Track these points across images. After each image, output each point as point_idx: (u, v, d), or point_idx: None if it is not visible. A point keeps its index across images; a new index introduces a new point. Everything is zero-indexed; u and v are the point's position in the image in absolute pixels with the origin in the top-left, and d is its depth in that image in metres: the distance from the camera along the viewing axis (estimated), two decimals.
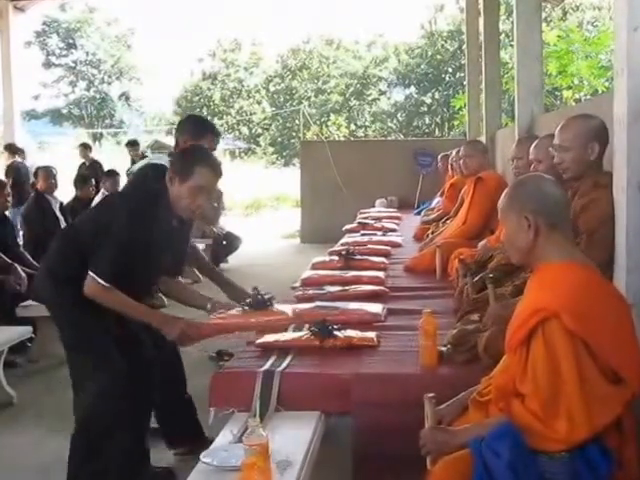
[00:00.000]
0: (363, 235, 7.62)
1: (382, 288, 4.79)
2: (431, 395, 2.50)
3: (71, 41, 43.10)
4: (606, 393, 2.21)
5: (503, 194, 2.50)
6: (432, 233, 6.89)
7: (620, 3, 2.83)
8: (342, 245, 6.82)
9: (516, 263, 2.62)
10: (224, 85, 43.21)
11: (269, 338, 3.61)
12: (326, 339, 3.50)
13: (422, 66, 37.29)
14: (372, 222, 8.74)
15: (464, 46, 33.90)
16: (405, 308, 4.35)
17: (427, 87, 37.40)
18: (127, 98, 45.09)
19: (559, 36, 14.41)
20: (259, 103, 42.63)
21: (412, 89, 38.42)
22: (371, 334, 3.61)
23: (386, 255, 6.34)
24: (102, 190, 9.04)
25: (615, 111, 2.94)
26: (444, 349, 3.24)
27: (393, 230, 8.23)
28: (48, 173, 7.10)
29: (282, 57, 42.43)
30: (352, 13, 69.36)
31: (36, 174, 7.07)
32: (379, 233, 7.82)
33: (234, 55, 43.76)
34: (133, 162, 11.72)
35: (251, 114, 42.16)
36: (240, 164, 30.87)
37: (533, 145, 3.88)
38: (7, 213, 6.58)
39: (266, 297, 3.45)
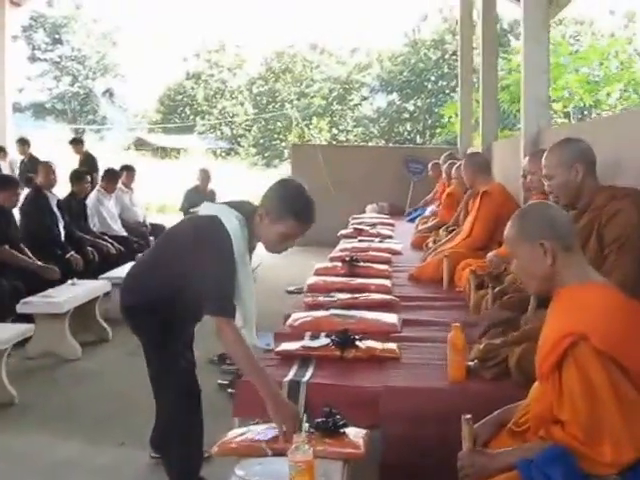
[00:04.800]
0: (361, 241, 7.59)
1: (393, 297, 4.76)
2: (469, 416, 2.44)
3: (57, 36, 42.85)
4: None
5: (509, 225, 2.46)
6: (434, 242, 6.87)
7: None
8: (342, 251, 6.78)
9: (534, 293, 2.61)
10: (207, 85, 43.11)
11: (289, 346, 3.56)
12: (347, 349, 3.47)
13: (405, 73, 37.42)
14: (367, 228, 8.72)
15: (447, 55, 33.95)
16: (418, 319, 4.33)
17: (409, 94, 37.55)
18: (111, 95, 44.86)
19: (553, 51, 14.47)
20: (242, 104, 42.57)
21: (394, 96, 38.54)
22: (392, 345, 3.57)
23: (387, 262, 6.32)
24: (119, 185, 9.17)
25: None
26: (471, 364, 3.21)
27: (389, 237, 8.21)
28: (48, 169, 7.00)
29: (266, 59, 42.46)
30: (337, 19, 69.48)
31: (36, 169, 6.95)
32: (376, 239, 7.79)
33: (218, 56, 43.71)
34: (89, 160, 11.65)
35: (234, 115, 42.09)
36: (223, 164, 30.73)
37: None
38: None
39: (340, 422, 2.67)
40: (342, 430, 2.61)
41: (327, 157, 13.18)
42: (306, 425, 2.49)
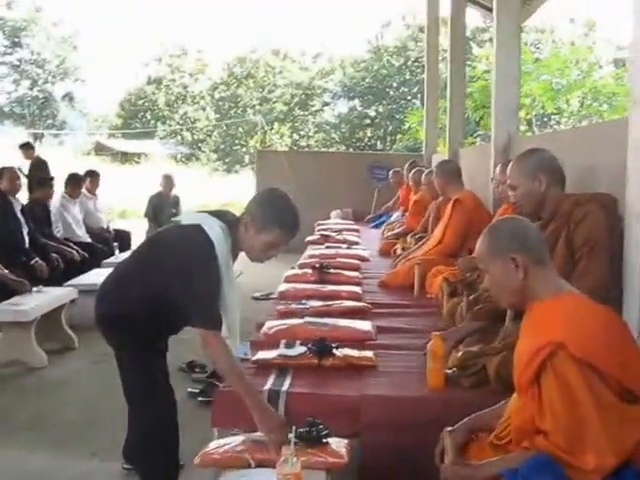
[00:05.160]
0: (328, 248, 7.57)
1: (365, 305, 4.76)
2: (450, 428, 2.45)
3: (16, 39, 42.22)
4: (626, 415, 2.20)
5: (480, 241, 2.48)
6: (403, 249, 6.89)
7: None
8: (310, 258, 6.75)
9: (507, 307, 2.63)
10: (169, 90, 42.86)
11: (266, 355, 3.54)
12: (325, 358, 3.45)
13: (367, 80, 37.62)
14: (334, 234, 8.72)
15: (409, 62, 34.12)
16: (391, 326, 4.33)
17: (371, 100, 37.74)
18: (71, 99, 44.32)
19: None
20: (203, 109, 42.40)
21: (356, 102, 38.70)
22: (369, 353, 3.57)
23: (356, 269, 6.31)
24: (83, 190, 9.08)
25: (631, 138, 2.97)
26: (449, 372, 3.22)
27: (356, 243, 8.21)
28: (13, 174, 6.87)
29: (228, 65, 42.34)
30: (299, 24, 69.59)
31: (1, 174, 6.82)
32: (343, 246, 7.78)
33: (180, 61, 43.50)
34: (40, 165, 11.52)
35: (195, 120, 41.90)
36: (183, 169, 30.53)
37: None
38: None
39: (323, 432, 2.66)
40: (325, 440, 2.60)
41: (292, 163, 13.21)
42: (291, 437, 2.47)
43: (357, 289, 5.27)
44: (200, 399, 4.95)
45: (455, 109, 8.89)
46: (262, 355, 3.55)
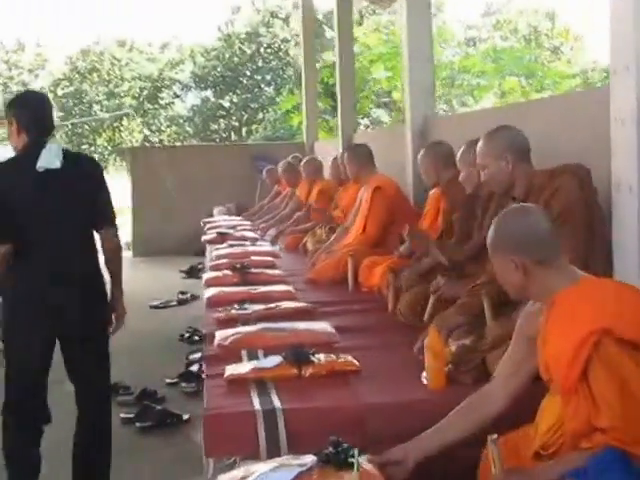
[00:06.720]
0: (233, 246, 7.29)
1: (309, 304, 4.55)
2: (495, 436, 2.30)
3: None
4: None
5: (490, 230, 2.43)
6: (317, 242, 6.71)
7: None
8: (219, 258, 6.45)
9: (513, 298, 2.56)
10: (6, 88, 40.53)
11: (238, 369, 3.26)
12: (304, 366, 3.23)
13: (219, 69, 36.99)
14: (231, 232, 8.44)
15: (262, 49, 33.73)
16: (344, 325, 4.12)
17: (224, 90, 37.17)
18: None
19: (385, 40, 14.79)
20: None
21: (209, 92, 38.04)
22: (348, 357, 3.36)
23: (273, 266, 6.09)
24: None
25: (616, 109, 2.95)
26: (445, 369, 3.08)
27: (256, 239, 7.97)
28: None
29: (71, 59, 40.50)
30: (145, 13, 66.88)
31: None
32: (247, 243, 7.52)
33: (17, 56, 41.27)
34: None
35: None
36: None
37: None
38: None
39: (351, 452, 2.33)
40: (352, 460, 2.38)
41: (167, 159, 12.73)
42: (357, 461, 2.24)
43: (288, 288, 5.05)
44: (138, 425, 4.62)
45: (345, 95, 8.79)
46: (233, 370, 3.26)
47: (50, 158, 3.52)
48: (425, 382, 3.07)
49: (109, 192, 3.82)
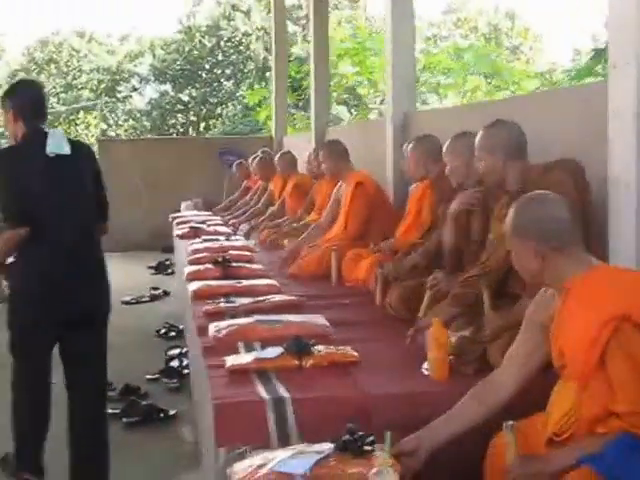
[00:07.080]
0: (207, 241, 7.26)
1: (297, 298, 4.58)
2: (511, 423, 2.37)
3: None
4: None
5: (510, 216, 2.48)
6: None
7: None
8: (197, 252, 6.42)
9: (528, 282, 2.61)
10: None
11: (240, 360, 3.29)
12: (304, 357, 3.26)
13: (178, 62, 36.60)
14: (203, 226, 8.41)
15: (222, 42, 33.34)
16: (335, 318, 4.13)
17: (183, 84, 36.81)
18: None
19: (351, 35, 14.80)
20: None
21: (168, 86, 37.64)
22: (347, 348, 3.40)
23: (251, 261, 6.10)
24: None
25: (612, 103, 3.01)
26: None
27: (230, 234, 7.95)
28: None
29: (29, 49, 39.77)
30: (105, 2, 65.34)
31: None
32: (221, 238, 7.50)
33: None
34: None
35: None
36: None
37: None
38: None
39: (367, 439, 2.39)
40: (369, 448, 2.43)
41: (131, 152, 12.60)
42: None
43: (273, 282, 5.07)
44: (125, 420, 4.61)
45: (319, 90, 8.80)
46: (234, 361, 3.29)
47: (59, 143, 3.58)
48: (426, 373, 3.13)
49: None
